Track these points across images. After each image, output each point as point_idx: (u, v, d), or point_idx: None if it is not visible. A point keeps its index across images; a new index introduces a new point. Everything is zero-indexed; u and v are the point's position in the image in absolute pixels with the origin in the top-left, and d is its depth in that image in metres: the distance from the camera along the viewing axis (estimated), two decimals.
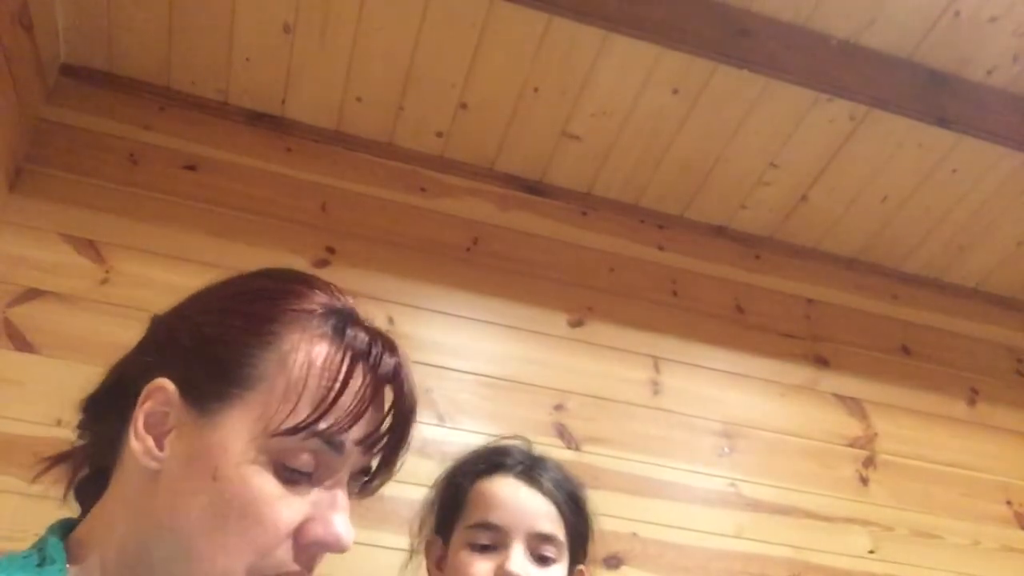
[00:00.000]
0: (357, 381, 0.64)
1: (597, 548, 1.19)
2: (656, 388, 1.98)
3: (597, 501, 1.82)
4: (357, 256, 1.89)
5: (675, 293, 2.10)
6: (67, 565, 0.63)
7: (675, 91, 1.89)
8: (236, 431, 0.61)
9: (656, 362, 2.01)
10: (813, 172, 2.06)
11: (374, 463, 0.67)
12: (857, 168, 2.04)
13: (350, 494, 0.66)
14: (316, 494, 0.63)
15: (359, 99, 1.93)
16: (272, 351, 0.63)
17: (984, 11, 1.76)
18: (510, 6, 1.73)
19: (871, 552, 1.97)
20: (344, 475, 0.65)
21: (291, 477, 0.62)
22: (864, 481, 2.04)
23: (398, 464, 0.68)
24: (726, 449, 1.97)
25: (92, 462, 0.71)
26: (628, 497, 1.86)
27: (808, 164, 2.04)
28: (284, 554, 0.61)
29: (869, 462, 2.06)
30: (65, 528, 0.67)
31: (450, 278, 1.94)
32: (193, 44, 1.82)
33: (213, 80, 1.89)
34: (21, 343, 1.61)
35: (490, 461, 1.16)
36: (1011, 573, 2.04)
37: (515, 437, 1.23)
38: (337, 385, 0.63)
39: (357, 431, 0.64)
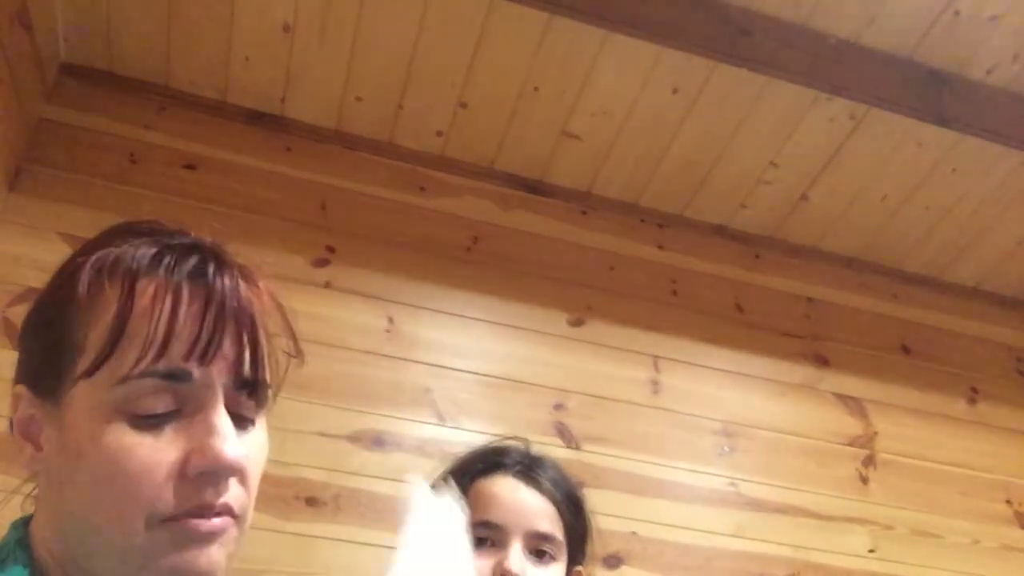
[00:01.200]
0: (147, 292, 0.60)
1: (596, 548, 1.19)
2: (656, 387, 1.98)
3: (597, 500, 1.82)
4: (357, 255, 1.89)
5: (675, 292, 2.10)
6: (28, 562, 0.63)
7: (675, 90, 1.89)
8: (82, 403, 0.60)
9: (656, 361, 2.01)
10: (813, 171, 2.06)
11: (245, 367, 0.63)
12: (857, 167, 2.04)
13: (244, 408, 0.64)
14: (188, 426, 0.60)
15: (359, 98, 1.93)
16: (74, 311, 0.61)
17: (984, 10, 1.76)
18: (510, 5, 1.73)
19: (871, 551, 1.97)
20: (212, 396, 0.61)
21: (149, 423, 0.59)
22: (864, 480, 2.04)
23: (260, 355, 0.63)
24: (726, 448, 1.97)
25: None
26: (628, 496, 1.86)
27: (808, 163, 2.04)
28: (175, 494, 0.58)
29: (869, 461, 2.06)
30: (27, 524, 0.67)
31: (450, 277, 1.94)
32: (193, 43, 1.82)
33: (213, 79, 1.89)
34: None
35: (489, 461, 1.16)
36: (1011, 572, 2.05)
37: (514, 437, 1.23)
38: (124, 306, 0.59)
39: (179, 348, 0.59)
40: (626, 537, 1.82)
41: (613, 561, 1.79)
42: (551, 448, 1.84)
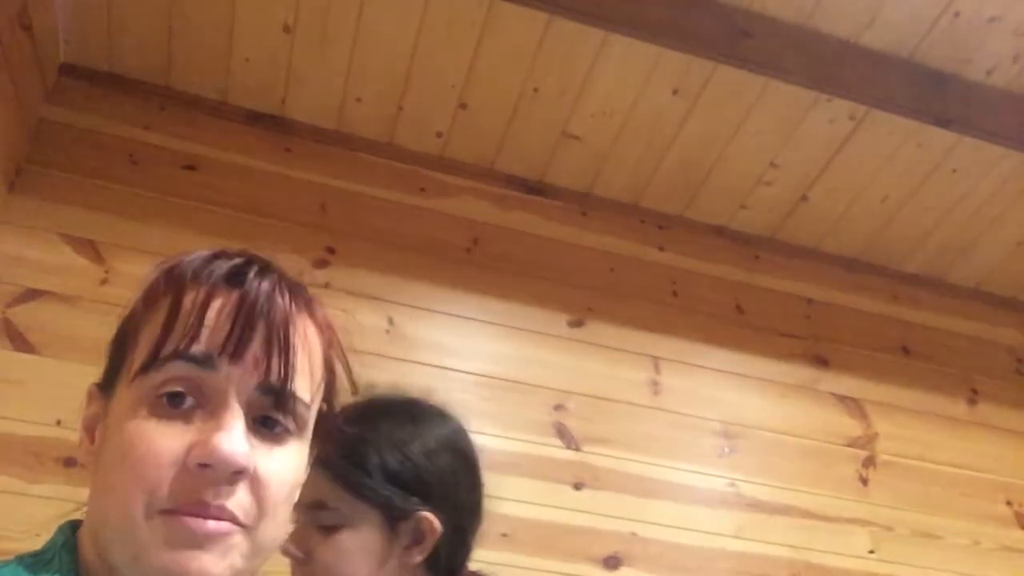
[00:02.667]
0: (191, 295, 0.63)
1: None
2: (656, 388, 1.98)
3: (597, 501, 1.83)
4: (357, 256, 1.89)
5: (675, 293, 2.10)
6: (74, 566, 0.63)
7: (675, 91, 1.89)
8: (120, 395, 0.63)
9: (656, 362, 2.01)
10: (813, 172, 2.06)
11: (273, 373, 0.63)
12: (857, 168, 2.04)
13: (271, 417, 0.63)
14: (201, 421, 0.61)
15: (359, 99, 1.93)
16: (136, 316, 0.66)
17: (984, 11, 1.76)
18: (510, 6, 1.73)
19: (871, 552, 1.97)
20: (229, 396, 0.61)
21: (168, 412, 0.60)
22: (864, 481, 2.04)
23: (289, 363, 0.63)
24: (726, 449, 1.97)
25: None
26: (628, 497, 1.86)
27: (808, 164, 2.04)
28: (175, 484, 0.58)
29: (869, 462, 2.06)
30: (74, 528, 0.67)
31: (450, 278, 1.94)
32: (193, 44, 1.82)
33: (213, 80, 1.89)
34: (21, 343, 1.61)
35: None
36: (1011, 573, 2.04)
37: None
38: (173, 306, 0.62)
39: (212, 339, 0.61)
40: (626, 538, 1.82)
41: (613, 561, 1.79)
42: (551, 449, 1.85)
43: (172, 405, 0.60)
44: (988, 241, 2.22)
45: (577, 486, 1.84)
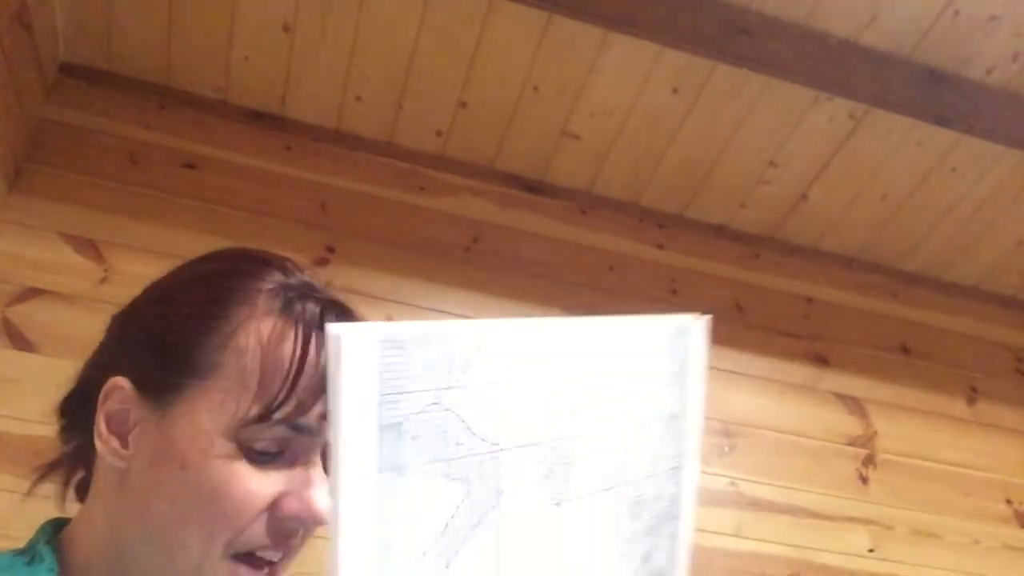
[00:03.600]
0: (312, 357, 0.62)
1: None
2: None
3: None
4: (357, 255, 1.89)
5: (675, 292, 2.10)
6: (56, 565, 0.63)
7: (675, 90, 1.89)
8: (199, 421, 0.61)
9: None
10: (813, 171, 2.06)
11: None
12: (857, 167, 2.04)
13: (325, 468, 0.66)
14: (289, 473, 0.62)
15: (359, 98, 1.93)
16: (219, 336, 0.62)
17: (984, 10, 1.76)
18: (510, 5, 1.73)
19: (871, 551, 1.97)
20: (317, 452, 0.64)
21: (260, 460, 0.61)
22: (864, 480, 2.04)
23: None
24: (726, 448, 1.97)
25: (84, 464, 0.71)
26: None
27: (808, 163, 2.04)
28: (260, 529, 0.60)
29: (869, 461, 2.06)
30: (56, 527, 0.67)
31: (450, 277, 1.94)
32: (193, 43, 1.82)
33: (213, 79, 1.89)
34: (20, 342, 1.61)
35: None
36: (1011, 572, 2.05)
37: None
38: (294, 367, 0.61)
39: (321, 407, 0.62)
40: None
41: None
42: None
43: (267, 457, 0.62)
44: (988, 240, 2.22)
45: None
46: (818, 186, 2.09)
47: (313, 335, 0.63)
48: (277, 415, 0.60)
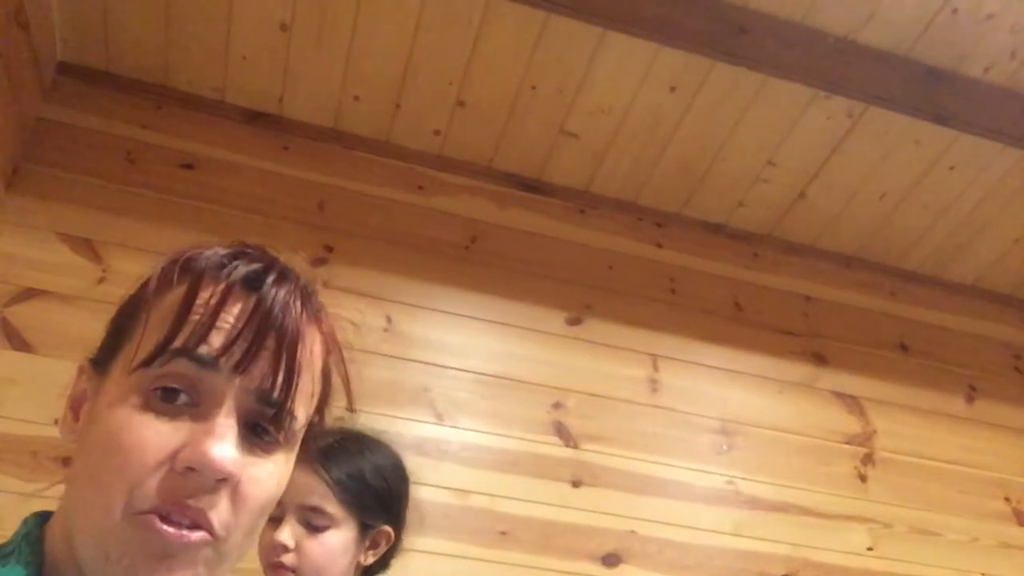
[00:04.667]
0: (207, 292, 0.62)
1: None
2: (654, 386, 1.98)
3: (595, 499, 1.83)
4: (355, 254, 1.89)
5: (673, 291, 2.10)
6: (33, 558, 0.61)
7: (673, 89, 1.89)
8: (114, 377, 0.62)
9: (654, 360, 2.01)
10: (811, 169, 2.06)
11: (277, 386, 0.62)
12: (855, 165, 2.04)
13: (264, 427, 0.62)
14: (193, 421, 0.59)
15: (356, 97, 1.92)
16: (143, 299, 0.64)
17: (981, 8, 1.76)
18: (507, 4, 1.73)
19: (869, 549, 1.97)
20: (226, 401, 0.60)
21: (161, 407, 0.59)
22: (862, 478, 2.04)
23: (293, 378, 0.62)
24: (724, 447, 1.97)
25: None
26: (627, 495, 1.86)
27: (806, 161, 2.04)
28: (158, 484, 0.57)
29: (867, 459, 2.06)
30: (40, 520, 0.67)
31: (448, 276, 1.94)
32: (190, 43, 1.82)
33: (210, 79, 1.89)
34: (18, 342, 1.61)
35: None
36: (1009, 569, 2.05)
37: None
38: (186, 300, 0.61)
39: (216, 340, 0.60)
40: (625, 535, 1.82)
41: (612, 559, 1.79)
42: (549, 447, 1.85)
43: (166, 400, 0.59)
44: (986, 238, 2.22)
45: (575, 484, 1.84)
46: (816, 185, 2.09)
47: (212, 274, 0.63)
48: (170, 346, 0.59)
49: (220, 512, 0.59)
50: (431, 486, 1.72)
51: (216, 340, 0.60)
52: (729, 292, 2.15)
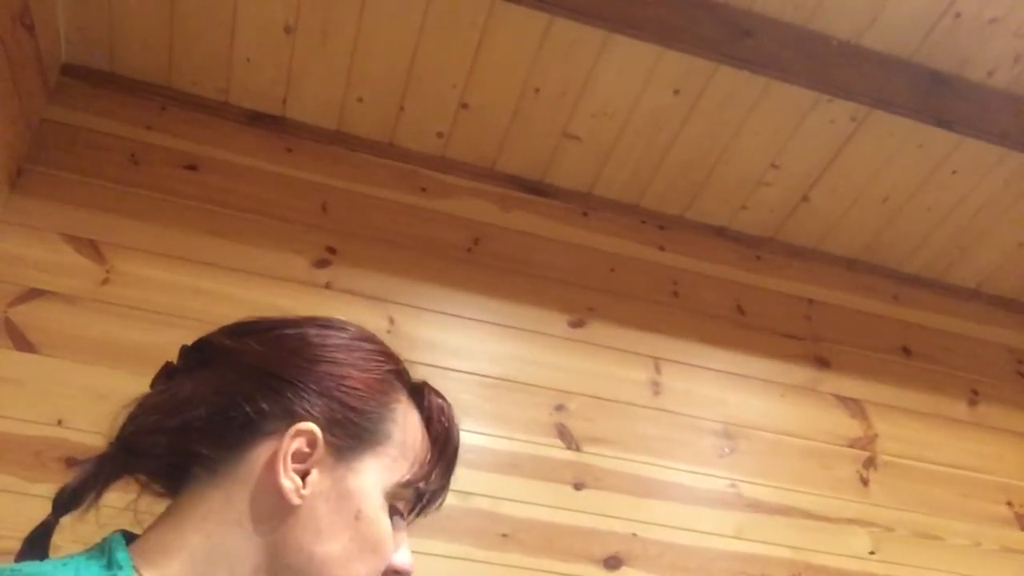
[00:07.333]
0: (440, 442, 0.81)
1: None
2: (657, 389, 1.98)
3: (597, 502, 1.83)
4: (358, 256, 1.90)
5: (676, 294, 2.10)
6: (133, 572, 0.66)
7: (676, 91, 1.89)
8: (372, 479, 0.74)
9: (657, 363, 2.01)
10: (814, 173, 2.06)
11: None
12: (858, 169, 2.04)
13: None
14: (396, 532, 0.77)
15: (360, 99, 1.93)
16: (391, 412, 0.78)
17: (985, 12, 1.76)
18: (511, 6, 1.73)
19: (871, 553, 1.97)
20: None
21: (395, 520, 0.76)
22: (864, 482, 2.04)
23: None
24: (726, 450, 1.97)
25: (177, 471, 0.75)
26: (628, 497, 1.86)
27: (809, 165, 2.04)
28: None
29: (869, 463, 2.06)
30: (127, 539, 0.70)
31: (451, 278, 1.94)
32: (194, 44, 1.83)
33: (214, 80, 1.89)
34: (22, 343, 1.61)
35: None
36: (1011, 573, 2.04)
37: None
38: (433, 448, 0.80)
39: (436, 481, 0.80)
40: (626, 538, 1.82)
41: (613, 562, 1.79)
42: (551, 449, 1.85)
43: (398, 514, 0.78)
44: (989, 242, 2.22)
45: (577, 486, 1.84)
46: (819, 188, 2.09)
47: (435, 423, 0.83)
48: (420, 483, 0.77)
49: None
50: None
51: (436, 482, 0.81)
52: (731, 295, 2.15)
